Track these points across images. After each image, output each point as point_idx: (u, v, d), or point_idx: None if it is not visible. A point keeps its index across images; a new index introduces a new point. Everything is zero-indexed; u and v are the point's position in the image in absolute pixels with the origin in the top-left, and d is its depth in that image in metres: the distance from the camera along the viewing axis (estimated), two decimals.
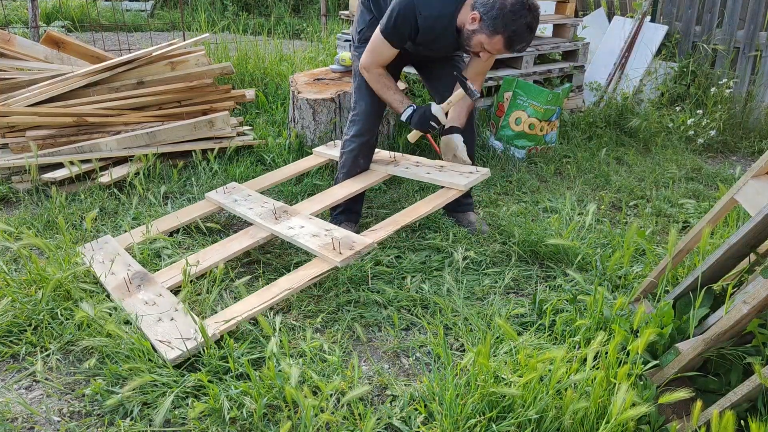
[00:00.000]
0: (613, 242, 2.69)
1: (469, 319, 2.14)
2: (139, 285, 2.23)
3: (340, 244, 2.22)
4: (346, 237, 2.28)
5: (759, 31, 4.52)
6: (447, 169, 2.62)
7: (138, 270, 2.32)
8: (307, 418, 1.59)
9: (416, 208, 2.46)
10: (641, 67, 4.86)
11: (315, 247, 2.25)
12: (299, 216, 2.53)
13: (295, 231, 2.40)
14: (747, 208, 1.79)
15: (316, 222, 2.46)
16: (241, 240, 2.48)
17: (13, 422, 1.70)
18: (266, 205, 2.68)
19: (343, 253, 2.17)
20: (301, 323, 2.15)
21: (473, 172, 2.57)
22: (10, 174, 3.24)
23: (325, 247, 2.24)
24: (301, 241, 2.33)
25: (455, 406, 1.63)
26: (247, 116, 4.29)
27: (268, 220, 2.53)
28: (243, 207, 2.70)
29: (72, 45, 4.01)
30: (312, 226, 2.42)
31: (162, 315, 2.04)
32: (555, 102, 3.76)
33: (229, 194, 2.85)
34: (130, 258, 2.42)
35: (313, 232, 2.37)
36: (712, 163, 4.05)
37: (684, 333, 1.78)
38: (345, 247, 2.21)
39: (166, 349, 1.87)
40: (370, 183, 2.78)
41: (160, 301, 2.13)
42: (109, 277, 2.30)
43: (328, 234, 2.33)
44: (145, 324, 2.00)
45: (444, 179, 2.55)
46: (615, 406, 1.44)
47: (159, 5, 8.95)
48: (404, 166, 2.76)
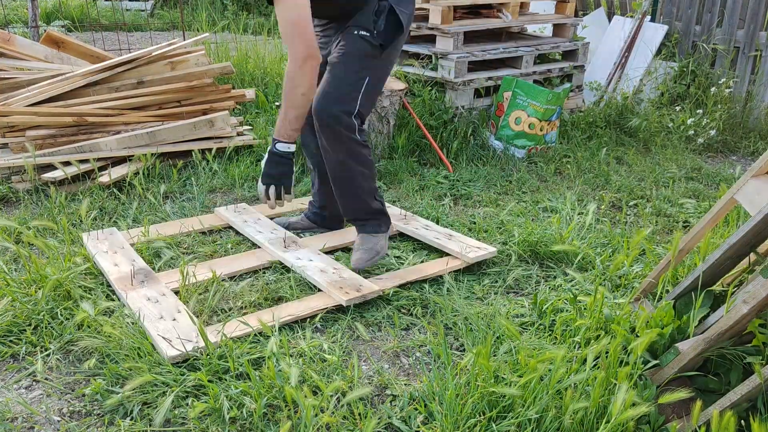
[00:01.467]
0: (613, 242, 2.69)
1: (469, 319, 2.14)
2: (142, 281, 2.25)
3: (348, 284, 2.26)
4: (353, 279, 2.32)
5: (759, 30, 4.52)
6: (455, 239, 2.64)
7: (142, 266, 2.34)
8: (307, 418, 1.59)
9: (422, 268, 2.47)
10: (641, 67, 4.86)
11: (324, 283, 2.28)
12: (308, 249, 2.54)
13: (303, 263, 2.42)
14: (747, 207, 1.79)
15: (324, 258, 2.48)
16: (249, 260, 2.50)
17: (13, 422, 1.70)
18: (276, 232, 2.69)
19: (349, 293, 2.21)
20: (300, 323, 2.15)
21: (481, 248, 2.56)
22: (10, 174, 3.24)
23: (333, 284, 2.26)
24: (309, 273, 2.35)
25: (455, 406, 1.63)
26: (247, 116, 4.29)
27: (276, 246, 2.55)
28: (252, 229, 2.71)
29: (72, 45, 4.01)
30: (320, 262, 2.44)
31: (164, 313, 2.05)
32: (555, 102, 3.77)
33: (239, 214, 2.87)
34: (135, 254, 2.44)
35: (321, 268, 2.39)
36: (712, 162, 4.05)
37: (684, 333, 1.78)
38: (352, 288, 2.24)
39: (167, 346, 1.88)
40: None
41: (163, 300, 2.14)
42: (113, 269, 2.31)
43: (336, 272, 2.36)
44: (147, 319, 2.01)
45: (453, 248, 2.55)
46: (615, 405, 1.44)
47: (159, 5, 8.95)
48: (414, 227, 2.76)
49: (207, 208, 3.07)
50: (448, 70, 3.89)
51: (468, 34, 4.05)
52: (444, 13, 3.90)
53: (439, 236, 2.67)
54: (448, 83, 3.92)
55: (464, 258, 2.49)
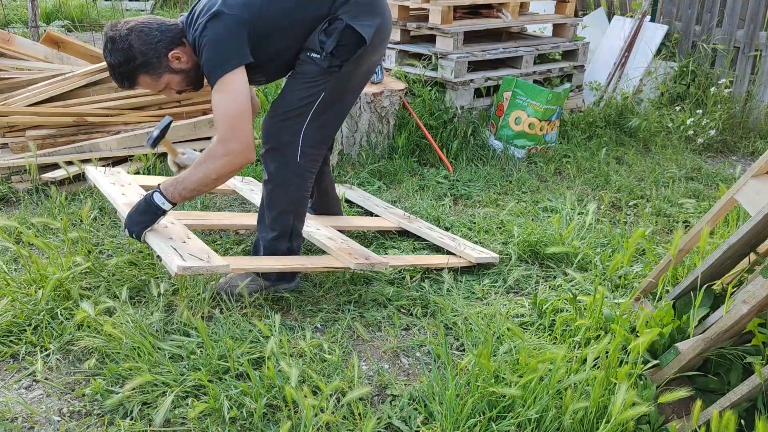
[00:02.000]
0: (613, 242, 2.70)
1: (469, 319, 2.14)
2: None
3: (357, 252, 2.28)
4: (361, 249, 2.34)
5: (759, 30, 4.52)
6: (458, 242, 2.66)
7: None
8: (307, 418, 1.59)
9: (429, 258, 2.50)
10: (641, 67, 4.86)
11: (333, 248, 2.29)
12: (315, 221, 2.56)
13: (311, 230, 2.41)
14: (747, 207, 1.79)
15: (331, 230, 2.50)
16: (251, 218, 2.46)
17: (13, 422, 1.70)
18: None
19: (358, 259, 2.22)
20: (300, 323, 2.15)
21: (484, 252, 2.58)
22: (9, 174, 3.23)
23: (342, 250, 2.28)
24: (318, 238, 2.35)
25: (455, 406, 1.63)
26: None
27: None
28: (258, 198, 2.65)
29: (72, 44, 4.01)
30: (327, 231, 2.47)
31: (174, 236, 2.01)
32: (555, 102, 3.77)
33: (246, 184, 2.90)
34: (142, 189, 2.43)
35: (329, 236, 2.40)
36: (712, 162, 4.05)
37: (684, 333, 1.78)
38: (362, 256, 2.26)
39: (178, 258, 1.81)
40: (384, 226, 2.78)
41: (171, 227, 2.09)
42: (119, 197, 2.26)
43: (345, 242, 2.38)
44: (155, 236, 1.96)
45: (457, 247, 2.57)
46: (615, 405, 1.44)
47: (158, 5, 8.94)
48: (418, 225, 2.78)
49: (207, 207, 3.07)
50: (448, 70, 3.89)
51: (468, 34, 4.05)
52: (444, 13, 3.90)
53: (444, 237, 2.68)
54: (448, 83, 3.92)
55: (467, 257, 2.49)
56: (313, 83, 2.04)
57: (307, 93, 2.04)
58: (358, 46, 2.02)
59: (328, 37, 1.99)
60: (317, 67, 2.02)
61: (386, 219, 2.83)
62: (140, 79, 2.00)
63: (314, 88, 2.04)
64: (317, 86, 2.04)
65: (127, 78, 1.99)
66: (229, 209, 3.09)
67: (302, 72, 2.05)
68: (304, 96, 2.05)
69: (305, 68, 2.04)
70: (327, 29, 1.99)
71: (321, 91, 2.05)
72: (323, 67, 2.01)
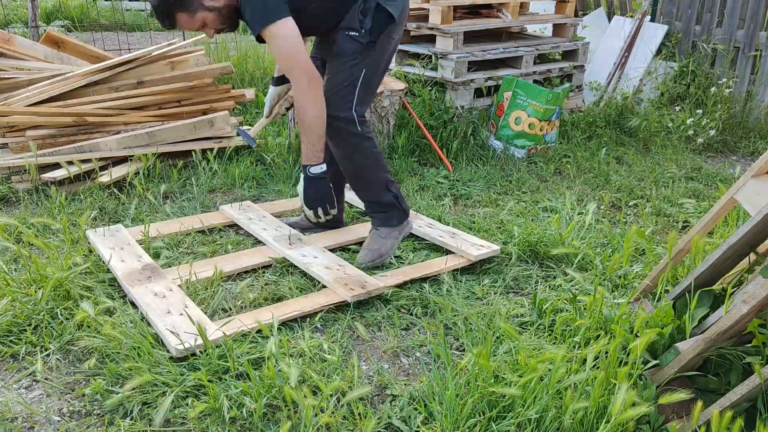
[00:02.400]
0: (612, 242, 2.70)
1: (469, 319, 2.14)
2: (149, 277, 2.26)
3: (352, 281, 2.29)
4: (357, 276, 2.34)
5: (759, 30, 4.52)
6: (458, 238, 2.65)
7: (149, 263, 2.36)
8: (307, 418, 1.59)
9: (426, 266, 2.48)
10: (641, 67, 4.86)
11: (329, 280, 2.30)
12: (312, 246, 2.56)
13: (308, 260, 2.44)
14: (747, 207, 1.79)
15: (329, 255, 2.50)
16: (253, 257, 2.51)
17: (13, 422, 1.70)
18: (281, 229, 2.71)
19: (354, 290, 2.23)
20: (300, 323, 2.15)
21: (484, 246, 2.57)
22: (9, 174, 3.24)
23: (338, 281, 2.28)
24: (314, 270, 2.37)
25: (455, 406, 1.63)
26: (247, 116, 4.29)
27: (282, 243, 2.57)
28: (257, 227, 2.73)
29: (72, 44, 4.01)
30: (325, 258, 2.46)
31: (172, 308, 2.07)
32: (555, 102, 3.77)
33: (244, 212, 2.89)
34: (141, 250, 2.46)
35: (326, 264, 2.41)
36: (712, 162, 4.05)
37: (684, 333, 1.78)
38: (357, 285, 2.26)
39: (174, 339, 1.89)
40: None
41: (170, 295, 2.15)
42: (119, 264, 2.33)
43: (341, 269, 2.38)
44: (154, 314, 2.03)
45: (457, 246, 2.57)
46: (615, 406, 1.44)
47: None
48: (417, 225, 2.77)
49: (207, 207, 3.07)
50: (448, 70, 3.89)
51: (468, 34, 4.05)
52: (444, 13, 3.90)
53: (443, 234, 2.68)
54: (448, 83, 3.92)
55: (467, 256, 2.50)
56: (354, 62, 2.25)
57: (351, 70, 2.26)
58: (387, 23, 2.25)
59: (365, 16, 2.21)
60: (357, 44, 2.24)
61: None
62: (178, 17, 2.16)
63: (355, 66, 2.26)
64: (358, 63, 2.26)
65: (167, 16, 2.15)
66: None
67: (344, 51, 2.25)
68: (350, 73, 2.26)
69: (346, 47, 2.25)
70: (362, 9, 2.22)
71: (362, 69, 2.27)
72: (363, 43, 2.23)
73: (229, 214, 2.87)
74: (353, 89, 2.28)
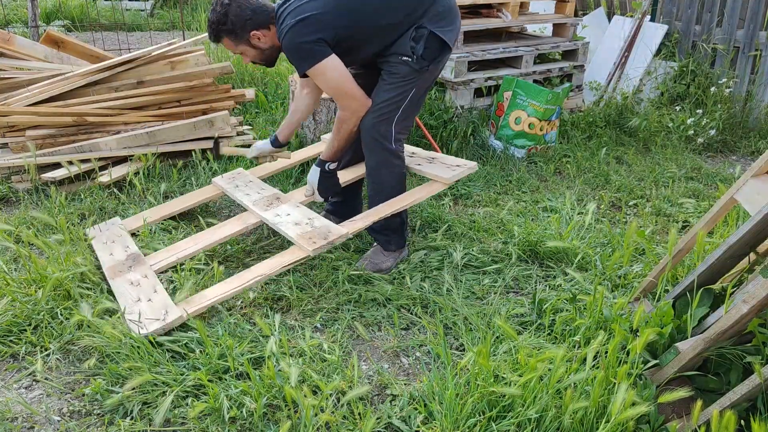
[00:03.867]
0: (612, 242, 2.70)
1: (469, 319, 2.14)
2: (130, 266, 2.35)
3: (317, 233, 2.31)
4: (324, 227, 2.36)
5: (759, 30, 4.52)
6: (437, 162, 2.65)
7: (133, 252, 2.44)
8: (307, 418, 1.59)
9: (400, 200, 2.50)
10: (641, 67, 4.86)
11: (293, 235, 2.33)
12: (289, 203, 2.59)
13: (281, 218, 2.47)
14: (747, 207, 1.79)
15: (302, 210, 2.52)
16: (232, 225, 2.56)
17: (13, 422, 1.70)
18: (262, 191, 2.74)
19: (316, 242, 2.24)
20: (300, 322, 2.15)
21: (460, 165, 2.58)
22: (9, 174, 3.24)
23: (303, 236, 2.31)
24: (283, 228, 2.40)
25: (455, 406, 1.63)
26: (247, 116, 4.29)
27: (259, 206, 2.60)
28: (241, 193, 2.77)
29: (72, 44, 4.01)
30: (297, 214, 2.49)
31: (141, 295, 2.15)
32: (555, 101, 3.77)
33: (232, 180, 2.92)
34: (130, 240, 2.54)
35: (296, 220, 2.44)
36: (712, 162, 4.05)
37: (684, 332, 1.78)
38: (320, 237, 2.28)
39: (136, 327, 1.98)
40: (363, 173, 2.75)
41: (144, 282, 2.23)
42: (107, 258, 2.43)
43: (309, 223, 2.40)
44: (124, 303, 2.12)
45: (431, 171, 2.59)
46: (614, 405, 1.44)
47: (158, 5, 8.94)
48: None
49: (207, 207, 3.08)
50: (448, 69, 3.89)
51: (468, 34, 4.05)
52: None
53: (421, 162, 2.68)
54: (448, 83, 3.92)
55: (441, 180, 2.51)
56: (404, 82, 2.37)
57: (400, 90, 2.38)
58: (441, 49, 2.36)
59: (417, 42, 2.31)
60: (408, 68, 2.35)
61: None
62: (223, 40, 2.36)
63: (406, 86, 2.38)
64: (408, 84, 2.38)
65: (214, 35, 2.35)
66: (228, 209, 3.09)
67: (395, 72, 2.37)
68: (397, 93, 2.38)
69: (398, 69, 2.36)
70: (414, 36, 2.31)
71: (412, 88, 2.38)
72: (415, 68, 2.34)
73: (219, 185, 2.91)
74: (398, 108, 2.40)
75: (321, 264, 2.48)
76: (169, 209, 2.80)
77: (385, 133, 2.43)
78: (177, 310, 2.04)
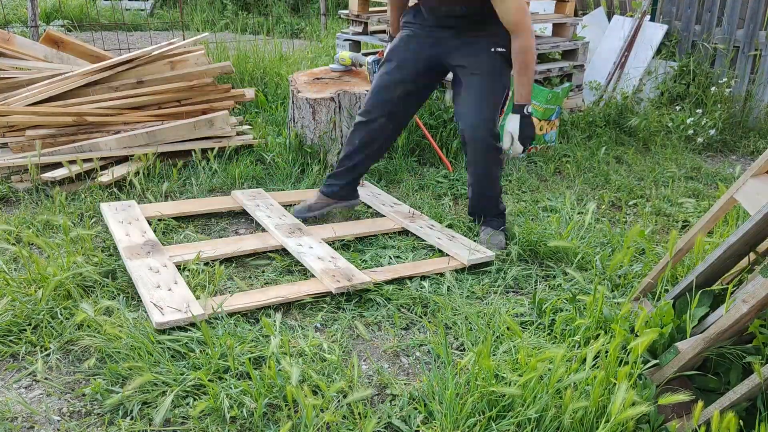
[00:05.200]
0: (612, 241, 2.70)
1: (469, 318, 2.15)
2: (149, 251, 2.35)
3: (341, 273, 2.33)
4: (347, 268, 2.37)
5: (758, 30, 4.52)
6: (456, 241, 2.66)
7: (151, 238, 2.46)
8: (307, 418, 1.59)
9: (419, 265, 2.49)
10: (641, 67, 4.86)
11: (317, 269, 2.35)
12: (311, 237, 2.62)
13: (303, 249, 2.50)
14: (747, 207, 1.79)
15: (325, 247, 2.54)
16: (253, 242, 2.60)
17: (13, 421, 1.70)
18: (284, 218, 2.78)
19: (340, 282, 2.27)
20: (300, 322, 2.15)
21: (479, 251, 2.56)
22: (9, 173, 3.23)
23: (326, 272, 2.33)
24: (306, 260, 2.41)
25: (455, 406, 1.63)
26: (247, 116, 4.29)
27: (282, 231, 2.63)
28: (262, 214, 2.81)
29: (71, 44, 4.01)
30: (320, 250, 2.51)
31: (161, 283, 2.15)
32: (555, 101, 3.77)
33: (253, 198, 2.98)
34: (147, 226, 2.57)
35: (319, 255, 2.46)
36: (712, 162, 4.05)
37: (684, 332, 1.78)
38: (344, 278, 2.30)
39: (158, 313, 1.97)
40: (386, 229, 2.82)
41: (164, 270, 2.23)
42: (124, 237, 2.45)
43: (332, 261, 2.42)
44: (143, 286, 2.12)
45: (451, 249, 2.58)
46: (614, 405, 1.44)
47: (158, 4, 8.94)
48: (419, 225, 2.79)
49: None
50: None
51: None
52: None
53: (441, 237, 2.69)
54: (448, 83, 3.92)
55: (460, 259, 2.51)
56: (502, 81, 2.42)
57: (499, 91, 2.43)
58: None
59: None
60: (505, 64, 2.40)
61: (391, 219, 2.89)
62: None
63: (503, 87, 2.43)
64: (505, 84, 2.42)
65: None
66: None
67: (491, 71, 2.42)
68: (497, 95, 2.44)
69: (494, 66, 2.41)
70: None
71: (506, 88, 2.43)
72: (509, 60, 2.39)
73: (239, 199, 2.96)
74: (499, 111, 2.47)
75: None
76: (187, 207, 2.85)
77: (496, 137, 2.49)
78: (199, 306, 2.04)
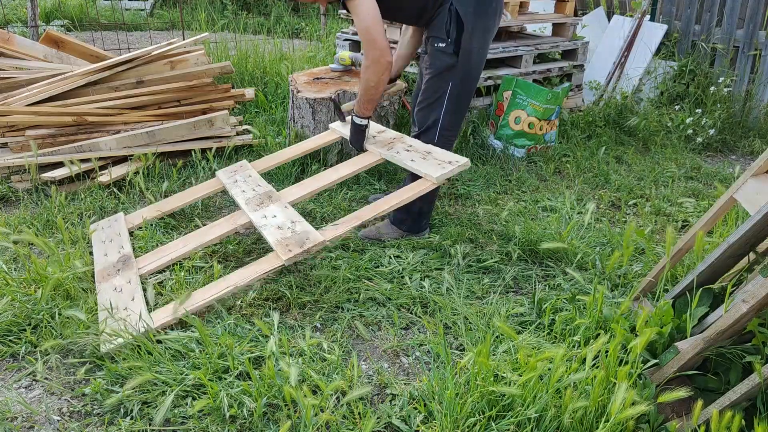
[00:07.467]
0: (612, 241, 2.70)
1: (469, 318, 2.15)
2: (119, 269, 2.33)
3: (294, 240, 2.24)
4: (303, 232, 2.29)
5: (758, 30, 4.52)
6: (431, 157, 2.56)
7: (126, 253, 2.43)
8: (307, 417, 1.59)
9: (381, 204, 2.43)
10: (641, 66, 4.86)
11: (273, 241, 2.27)
12: (278, 203, 2.53)
13: (267, 221, 2.41)
14: (746, 207, 1.79)
15: (289, 212, 2.46)
16: (222, 226, 2.53)
17: (13, 421, 1.70)
18: (257, 188, 2.69)
19: (291, 251, 2.18)
20: (300, 322, 2.15)
21: (452, 162, 2.49)
22: (9, 173, 3.23)
23: (281, 242, 2.25)
24: (265, 232, 2.34)
25: (455, 405, 1.63)
26: (247, 115, 4.29)
27: (250, 206, 2.55)
28: (237, 189, 2.73)
29: (71, 44, 4.01)
30: (282, 217, 2.42)
31: (120, 303, 2.13)
32: (554, 101, 3.77)
33: (233, 174, 2.90)
34: (127, 240, 2.53)
35: (279, 224, 2.37)
36: (712, 162, 4.05)
37: (683, 332, 1.78)
38: (296, 245, 2.20)
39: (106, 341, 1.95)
40: (365, 166, 2.73)
41: (126, 288, 2.21)
42: (101, 259, 2.42)
43: (291, 227, 2.34)
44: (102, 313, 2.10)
45: (421, 168, 2.49)
46: (614, 405, 1.44)
47: (158, 4, 8.94)
48: (396, 150, 2.69)
49: (207, 207, 3.07)
50: None
51: None
52: None
53: (415, 157, 2.58)
54: None
55: (428, 179, 2.44)
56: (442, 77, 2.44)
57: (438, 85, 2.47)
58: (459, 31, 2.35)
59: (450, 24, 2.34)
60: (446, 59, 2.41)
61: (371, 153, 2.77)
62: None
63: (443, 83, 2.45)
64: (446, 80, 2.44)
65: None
66: (228, 208, 3.10)
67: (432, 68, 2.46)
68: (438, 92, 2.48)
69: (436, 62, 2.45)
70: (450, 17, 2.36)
71: (448, 82, 2.45)
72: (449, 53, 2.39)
73: (222, 180, 2.89)
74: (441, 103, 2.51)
75: (321, 263, 2.48)
76: (168, 206, 2.80)
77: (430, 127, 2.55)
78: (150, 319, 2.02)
